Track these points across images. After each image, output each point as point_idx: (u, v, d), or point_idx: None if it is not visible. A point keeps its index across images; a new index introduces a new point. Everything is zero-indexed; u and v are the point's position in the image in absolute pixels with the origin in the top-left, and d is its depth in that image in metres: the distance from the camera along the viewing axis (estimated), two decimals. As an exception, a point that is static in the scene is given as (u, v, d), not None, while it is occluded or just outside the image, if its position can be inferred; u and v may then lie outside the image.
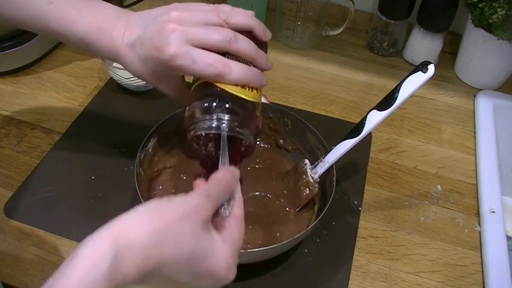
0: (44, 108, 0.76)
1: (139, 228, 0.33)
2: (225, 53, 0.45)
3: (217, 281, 0.37)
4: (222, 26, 0.46)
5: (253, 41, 0.47)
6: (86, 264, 0.31)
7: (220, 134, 0.44)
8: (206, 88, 0.45)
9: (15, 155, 0.69)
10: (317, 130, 0.62)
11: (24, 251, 0.58)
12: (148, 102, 0.78)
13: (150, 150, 0.62)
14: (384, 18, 0.86)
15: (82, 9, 0.49)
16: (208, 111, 0.44)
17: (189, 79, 0.50)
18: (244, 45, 0.46)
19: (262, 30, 0.48)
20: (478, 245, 0.62)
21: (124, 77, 0.75)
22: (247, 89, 0.46)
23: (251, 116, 0.46)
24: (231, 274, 0.38)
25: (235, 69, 0.44)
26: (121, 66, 0.77)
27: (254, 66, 0.47)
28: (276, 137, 0.68)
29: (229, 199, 0.39)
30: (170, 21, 0.45)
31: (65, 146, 0.70)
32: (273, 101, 0.77)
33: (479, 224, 0.64)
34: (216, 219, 0.39)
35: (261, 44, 0.49)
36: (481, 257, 0.61)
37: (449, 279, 0.58)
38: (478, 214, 0.65)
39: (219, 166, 0.44)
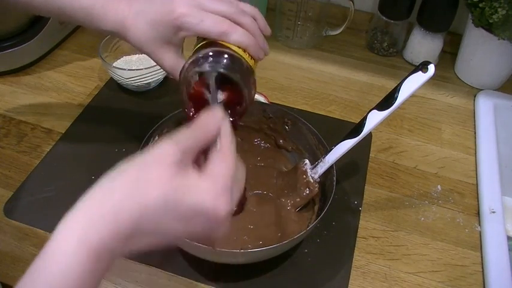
0: (44, 108, 0.76)
1: (106, 195, 0.34)
2: None
3: (211, 218, 0.35)
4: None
5: None
6: (61, 241, 0.33)
7: (217, 75, 0.46)
8: (209, 45, 0.47)
9: (15, 155, 0.69)
10: (317, 130, 0.62)
11: (24, 251, 0.58)
12: (148, 102, 0.78)
13: (150, 150, 0.62)
14: (383, 18, 0.86)
15: None
16: (209, 56, 0.46)
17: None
18: (248, 19, 0.48)
19: (263, 24, 0.51)
20: (478, 245, 0.62)
21: (124, 77, 0.75)
22: (247, 54, 0.48)
23: (248, 77, 0.48)
24: (221, 208, 0.35)
25: (239, 31, 0.47)
26: (121, 66, 0.77)
27: None
28: (276, 137, 0.68)
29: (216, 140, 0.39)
30: None
31: (65, 146, 0.70)
32: (273, 101, 0.77)
33: (479, 224, 0.64)
34: (202, 161, 0.38)
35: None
36: (481, 257, 0.61)
37: (450, 279, 0.58)
38: (478, 214, 0.65)
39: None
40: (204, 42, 0.48)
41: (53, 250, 0.33)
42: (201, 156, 0.39)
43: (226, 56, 0.46)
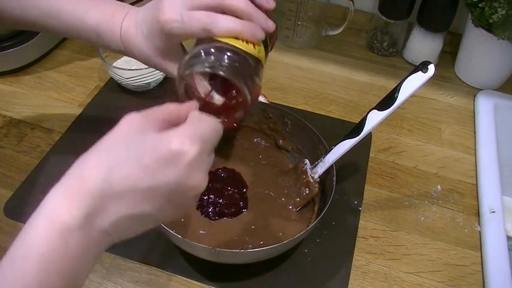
0: (44, 108, 0.76)
1: (77, 173, 0.37)
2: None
3: (179, 160, 0.35)
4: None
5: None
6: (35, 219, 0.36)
7: (212, 73, 0.45)
8: (199, 42, 0.45)
9: (15, 155, 0.69)
10: (317, 130, 0.62)
11: (24, 251, 0.58)
12: (148, 102, 0.78)
13: (150, 150, 0.62)
14: (384, 18, 0.86)
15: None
16: (204, 53, 0.44)
17: None
18: (238, 1, 0.45)
19: None
20: (478, 245, 0.62)
21: (124, 77, 0.75)
22: (242, 41, 0.44)
23: (245, 64, 0.44)
24: (186, 146, 0.35)
25: (222, 20, 0.44)
26: (121, 66, 0.77)
27: None
28: (276, 137, 0.68)
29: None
30: None
31: (65, 146, 0.70)
32: (273, 101, 0.77)
33: (479, 224, 0.64)
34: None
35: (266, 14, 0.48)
36: (481, 257, 0.61)
37: (450, 279, 0.58)
38: (478, 214, 0.65)
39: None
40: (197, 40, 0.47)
41: (30, 227, 0.35)
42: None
43: (212, 51, 0.43)
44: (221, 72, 0.42)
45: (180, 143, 0.35)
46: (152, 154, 0.35)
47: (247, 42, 0.45)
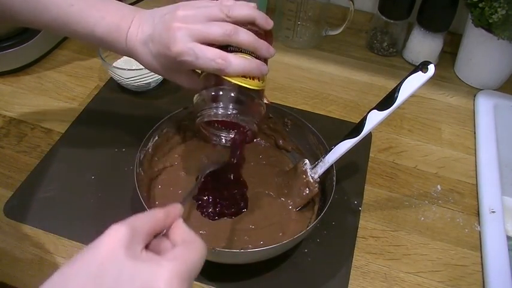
0: (44, 108, 0.76)
1: None
2: (228, 45, 0.49)
3: None
4: (224, 19, 0.48)
5: (257, 30, 0.51)
6: None
7: (224, 118, 0.49)
8: (211, 78, 0.49)
9: (15, 155, 0.69)
10: (317, 130, 0.62)
11: (24, 251, 0.58)
12: (148, 102, 0.78)
13: (150, 150, 0.62)
14: (384, 18, 0.86)
15: (101, 10, 0.52)
16: (212, 99, 0.49)
17: None
18: (244, 37, 0.48)
19: (264, 20, 0.51)
20: (478, 245, 0.62)
21: (124, 77, 0.75)
22: (249, 78, 0.49)
23: (253, 103, 0.50)
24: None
25: (234, 63, 0.47)
26: (121, 66, 0.77)
27: (256, 56, 0.50)
28: (276, 137, 0.68)
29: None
30: (176, 20, 0.48)
31: (65, 146, 0.70)
32: (273, 101, 0.77)
33: (479, 224, 0.64)
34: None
35: (266, 33, 0.52)
36: (481, 257, 0.61)
37: (450, 279, 0.58)
38: (478, 214, 0.65)
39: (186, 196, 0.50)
40: (205, 72, 0.51)
41: None
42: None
43: (221, 97, 0.48)
44: (231, 118, 0.48)
45: (168, 283, 0.32)
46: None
47: (252, 77, 0.49)
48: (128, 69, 0.74)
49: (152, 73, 0.75)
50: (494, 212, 0.64)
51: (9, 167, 0.68)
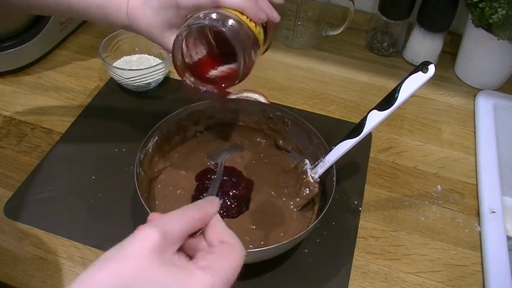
0: (44, 108, 0.76)
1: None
2: None
3: None
4: None
5: None
6: None
7: (215, 25, 0.45)
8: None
9: (15, 155, 0.69)
10: (317, 130, 0.62)
11: (24, 251, 0.58)
12: (148, 102, 0.78)
13: (150, 150, 0.62)
14: (384, 18, 0.86)
15: None
16: (204, 16, 0.46)
17: None
18: None
19: None
20: (478, 245, 0.62)
21: (124, 77, 0.75)
22: (246, 18, 0.47)
23: (245, 35, 0.47)
24: None
25: None
26: (121, 66, 0.77)
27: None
28: (276, 137, 0.68)
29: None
30: None
31: (65, 146, 0.70)
32: (273, 101, 0.77)
33: (479, 224, 0.64)
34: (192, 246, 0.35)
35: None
36: (481, 257, 0.61)
37: (450, 279, 0.58)
38: (478, 214, 0.65)
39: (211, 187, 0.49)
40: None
41: None
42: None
43: (216, 14, 0.45)
44: (224, 29, 0.44)
45: None
46: None
47: (250, 20, 0.47)
48: (128, 69, 0.74)
49: (152, 73, 0.75)
50: (494, 212, 0.64)
51: (9, 167, 0.68)
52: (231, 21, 0.45)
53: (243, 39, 0.46)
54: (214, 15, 0.45)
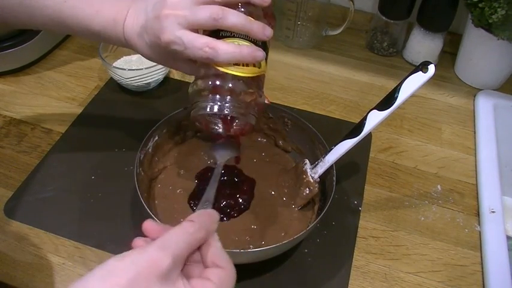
0: (44, 108, 0.76)
1: None
2: (220, 30, 0.46)
3: None
4: (214, 1, 0.45)
5: (253, 12, 0.47)
6: None
7: (217, 112, 0.47)
8: (206, 66, 0.47)
9: (15, 155, 0.69)
10: (317, 130, 0.62)
11: (24, 251, 0.58)
12: (148, 102, 0.78)
13: (150, 150, 0.62)
14: (384, 18, 0.86)
15: (95, 5, 0.51)
16: (205, 90, 0.47)
17: None
18: (233, 20, 0.45)
19: None
20: (478, 245, 0.62)
21: (124, 77, 0.75)
22: (242, 65, 0.46)
23: (248, 92, 0.47)
24: None
25: (223, 51, 0.44)
26: (121, 66, 0.77)
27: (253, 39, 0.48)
28: (276, 137, 0.68)
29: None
30: (165, 7, 0.45)
31: (65, 146, 0.70)
32: (273, 101, 0.77)
33: (479, 224, 0.64)
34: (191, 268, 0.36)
35: (265, 12, 0.49)
36: (481, 257, 0.61)
37: (449, 279, 0.58)
38: (478, 214, 0.65)
39: (206, 191, 0.50)
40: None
41: None
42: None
43: (217, 98, 0.46)
44: (226, 112, 0.46)
45: None
46: None
47: (246, 64, 0.46)
48: (128, 69, 0.74)
49: (152, 73, 0.75)
50: (494, 212, 0.64)
51: (9, 167, 0.68)
52: (228, 103, 0.46)
53: (247, 103, 0.47)
54: (213, 101, 0.46)
